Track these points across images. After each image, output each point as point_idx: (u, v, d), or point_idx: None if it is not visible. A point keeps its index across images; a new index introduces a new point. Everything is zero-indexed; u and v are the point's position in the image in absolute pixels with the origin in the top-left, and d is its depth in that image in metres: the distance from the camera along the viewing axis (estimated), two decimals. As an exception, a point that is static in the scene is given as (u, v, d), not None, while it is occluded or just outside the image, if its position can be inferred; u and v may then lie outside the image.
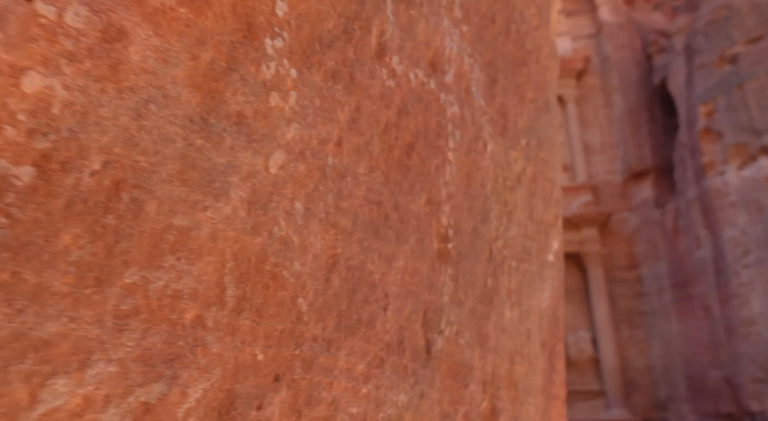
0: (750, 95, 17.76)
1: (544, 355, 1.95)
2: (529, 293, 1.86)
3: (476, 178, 1.51)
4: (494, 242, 1.62)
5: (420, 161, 1.23)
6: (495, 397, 1.48)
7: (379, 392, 1.00)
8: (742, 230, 17.31)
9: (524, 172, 1.91)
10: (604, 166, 22.43)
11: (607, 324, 20.12)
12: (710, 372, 18.02)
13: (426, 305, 1.20)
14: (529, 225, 1.92)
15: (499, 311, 1.58)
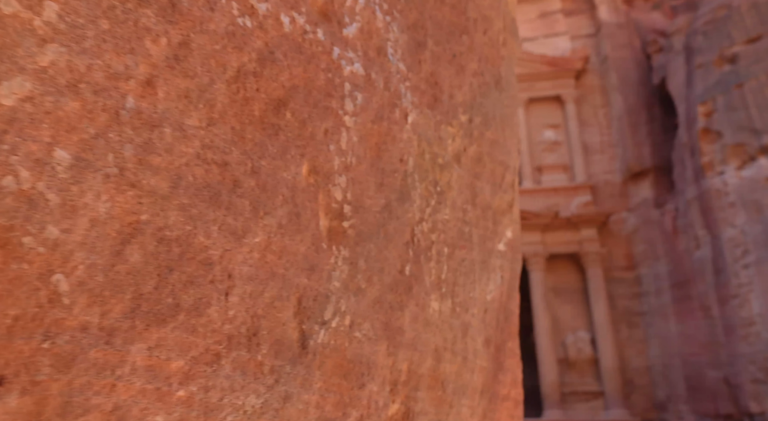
0: (749, 95, 17.53)
1: (488, 352, 1.75)
2: (468, 283, 1.66)
3: (391, 150, 1.32)
4: (418, 224, 1.42)
5: (298, 122, 1.03)
6: (411, 398, 1.29)
7: (210, 395, 0.80)
8: (742, 230, 17.09)
9: (464, 151, 1.71)
10: (603, 166, 22.18)
11: (606, 324, 19.90)
12: (709, 372, 17.82)
13: (302, 291, 1.01)
14: (471, 209, 1.72)
15: (420, 302, 1.38)
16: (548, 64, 23.34)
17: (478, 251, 1.74)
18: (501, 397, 1.85)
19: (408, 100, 1.40)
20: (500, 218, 1.98)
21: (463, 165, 1.68)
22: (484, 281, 1.77)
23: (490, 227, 1.87)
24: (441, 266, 1.49)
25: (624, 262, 21.02)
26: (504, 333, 1.93)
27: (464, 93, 1.68)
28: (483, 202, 1.82)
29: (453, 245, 1.56)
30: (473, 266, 1.68)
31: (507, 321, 1.97)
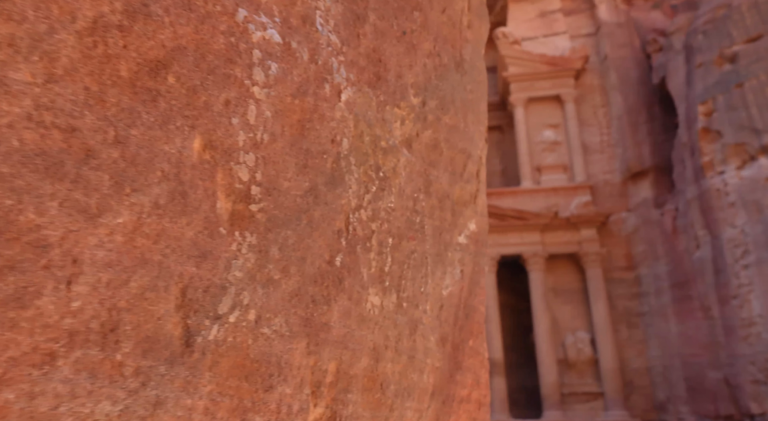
0: (749, 94, 17.37)
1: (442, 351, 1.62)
2: (418, 277, 1.53)
3: (318, 129, 1.19)
4: (354, 212, 1.29)
5: (185, 89, 0.90)
6: (339, 401, 1.16)
7: (37, 402, 0.67)
8: (742, 230, 16.94)
9: (417, 136, 1.58)
10: (603, 166, 22.01)
11: (606, 325, 19.74)
12: (709, 373, 17.69)
13: (188, 281, 0.88)
14: (423, 199, 1.59)
15: (355, 296, 1.25)
16: (548, 64, 23.18)
17: (432, 243, 1.61)
18: (459, 399, 1.71)
19: (342, 76, 1.27)
20: (461, 209, 1.85)
21: (414, 151, 1.56)
22: (438, 275, 1.64)
23: (447, 218, 1.74)
24: (384, 258, 1.37)
25: (624, 262, 20.86)
26: (464, 331, 1.79)
27: (416, 74, 1.55)
28: (439, 192, 1.69)
29: (400, 236, 1.43)
30: (425, 259, 1.55)
31: (468, 318, 1.83)
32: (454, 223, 1.78)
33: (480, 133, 2.01)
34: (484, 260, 2.01)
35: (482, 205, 2.02)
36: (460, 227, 1.83)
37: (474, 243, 1.93)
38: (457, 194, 1.82)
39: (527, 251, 20.74)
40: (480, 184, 2.00)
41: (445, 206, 1.73)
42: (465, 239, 1.86)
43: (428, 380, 1.50)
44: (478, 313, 1.93)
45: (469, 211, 1.91)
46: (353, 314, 1.22)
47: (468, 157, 1.86)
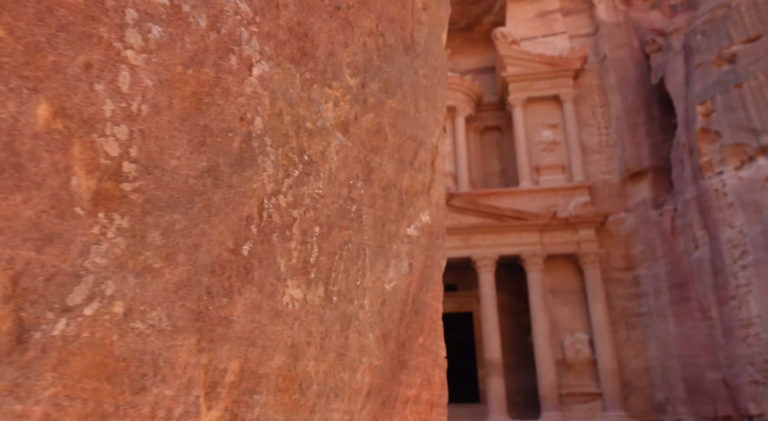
0: (748, 95, 17.23)
1: (384, 349, 1.50)
2: (354, 270, 1.41)
3: (221, 105, 1.07)
4: (271, 197, 1.17)
5: (23, 45, 0.78)
6: (242, 403, 1.04)
7: None
8: (740, 230, 16.80)
9: (354, 119, 1.46)
10: (602, 166, 21.86)
11: (605, 325, 19.59)
12: (708, 374, 17.55)
13: (21, 268, 0.76)
14: (362, 186, 1.47)
15: (267, 289, 1.13)
16: (546, 64, 23.05)
17: (373, 233, 1.49)
18: (404, 399, 1.59)
19: (254, 48, 1.15)
20: (411, 200, 1.73)
21: (352, 135, 1.44)
22: (380, 268, 1.52)
23: (393, 208, 1.62)
24: (309, 248, 1.25)
25: (622, 262, 20.71)
26: (412, 328, 1.67)
27: (353, 53, 1.44)
28: (383, 180, 1.57)
29: (330, 225, 1.32)
30: (362, 251, 1.43)
31: (418, 315, 1.71)
32: (401, 213, 1.66)
33: (436, 121, 1.89)
34: (439, 253, 1.89)
35: (438, 196, 1.90)
36: (410, 218, 1.71)
37: (427, 236, 1.81)
38: (406, 183, 1.70)
39: (526, 251, 20.60)
40: (435, 174, 1.88)
41: (391, 196, 1.61)
42: (415, 231, 1.73)
43: (363, 380, 1.38)
44: (430, 309, 1.81)
45: (422, 201, 1.79)
46: (265, 308, 1.11)
47: (420, 145, 1.74)
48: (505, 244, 20.82)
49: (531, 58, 23.21)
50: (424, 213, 1.80)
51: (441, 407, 1.86)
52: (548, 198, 21.51)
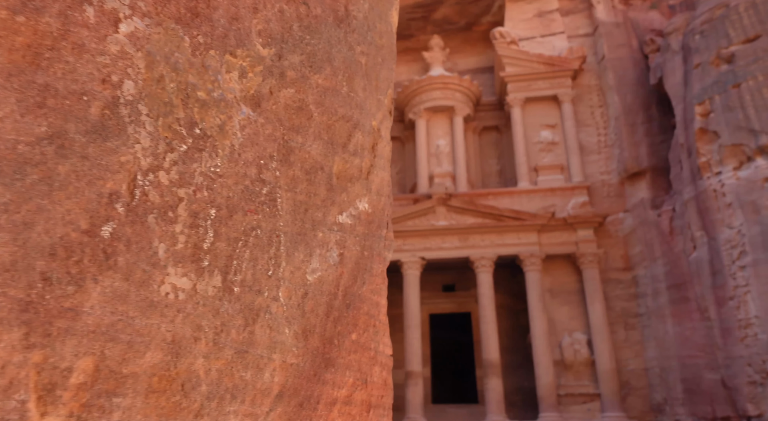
0: (746, 95, 17.06)
1: (303, 345, 1.36)
2: (264, 258, 1.27)
3: (71, 63, 0.93)
4: (147, 173, 1.04)
5: None
6: (94, 407, 0.91)
7: None
8: (739, 231, 16.63)
9: (269, 93, 1.33)
10: (600, 167, 21.67)
11: (603, 326, 19.41)
12: (706, 375, 17.38)
13: None
14: (278, 167, 1.34)
15: (136, 276, 1.00)
16: (545, 64, 22.88)
17: (291, 219, 1.36)
18: (330, 400, 1.45)
19: (122, 1, 1.02)
20: (345, 185, 1.59)
21: (265, 111, 1.30)
22: (300, 257, 1.38)
23: (320, 193, 1.49)
24: (201, 232, 1.11)
25: (621, 263, 20.52)
26: (342, 324, 1.54)
27: (266, 20, 1.30)
28: (307, 162, 1.43)
29: (231, 208, 1.18)
30: (275, 238, 1.30)
31: (350, 309, 1.57)
32: (330, 199, 1.53)
33: (379, 103, 1.75)
34: (380, 244, 1.75)
35: (380, 182, 1.76)
36: (342, 204, 1.57)
37: (364, 224, 1.67)
38: (337, 167, 1.57)
39: (524, 251, 20.44)
40: (377, 159, 1.74)
41: (317, 180, 1.47)
42: (349, 219, 1.60)
43: (273, 379, 1.24)
44: (367, 304, 1.67)
45: (358, 187, 1.65)
46: (133, 298, 0.97)
47: (355, 127, 1.61)
48: (503, 244, 20.66)
49: (529, 58, 23.05)
50: (362, 200, 1.66)
51: (382, 408, 1.72)
52: (546, 198, 21.34)
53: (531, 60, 23.07)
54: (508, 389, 20.57)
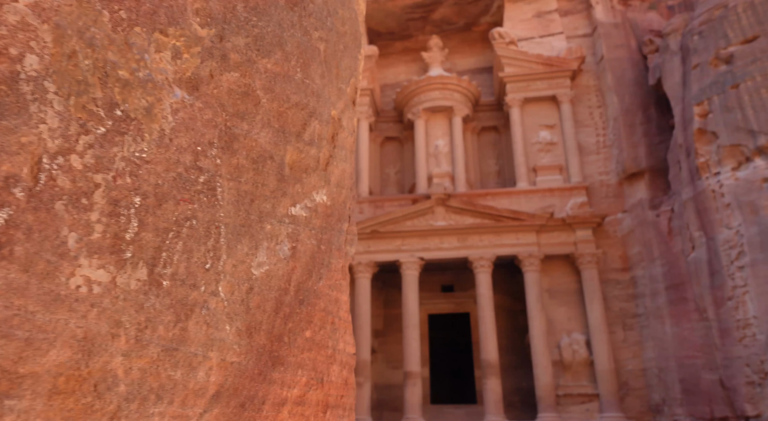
0: (745, 95, 16.96)
1: (248, 342, 1.28)
2: (199, 250, 1.19)
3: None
4: (55, 156, 0.95)
5: None
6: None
7: None
8: (737, 231, 16.54)
9: (209, 77, 1.25)
10: (599, 167, 21.56)
11: (601, 326, 19.30)
12: (705, 375, 17.28)
13: None
14: (218, 155, 1.25)
15: (38, 268, 0.91)
16: (544, 64, 22.77)
17: (234, 210, 1.28)
18: (279, 401, 1.37)
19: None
20: (299, 176, 1.51)
21: (204, 95, 1.22)
22: (244, 250, 1.30)
23: (269, 183, 1.40)
24: (122, 222, 1.03)
25: (619, 263, 20.41)
26: (294, 320, 1.45)
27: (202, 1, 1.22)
28: (254, 151, 1.35)
29: (161, 196, 1.10)
30: (214, 229, 1.22)
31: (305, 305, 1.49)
32: (281, 190, 1.44)
33: (339, 92, 1.67)
34: (340, 238, 1.67)
35: (341, 174, 1.67)
36: (296, 196, 1.49)
37: (322, 217, 1.59)
38: (291, 157, 1.48)
39: (523, 251, 20.34)
40: (336, 150, 1.66)
41: (266, 169, 1.39)
42: (304, 211, 1.51)
43: (209, 379, 1.16)
44: (324, 300, 1.58)
45: (315, 179, 1.57)
46: (34, 291, 0.89)
47: (311, 116, 1.52)
48: (502, 244, 20.56)
49: (528, 58, 22.95)
50: (319, 192, 1.58)
51: (341, 408, 1.64)
52: (545, 199, 21.24)
53: (530, 60, 22.97)
54: (506, 390, 20.47)
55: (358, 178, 22.70)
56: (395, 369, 21.51)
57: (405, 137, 25.03)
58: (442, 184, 21.46)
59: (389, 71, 26.66)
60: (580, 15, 23.84)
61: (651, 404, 18.88)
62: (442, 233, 20.85)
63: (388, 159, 25.07)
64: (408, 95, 23.88)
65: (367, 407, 19.27)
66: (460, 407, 21.54)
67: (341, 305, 1.70)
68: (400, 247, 20.93)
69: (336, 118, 1.69)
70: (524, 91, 22.87)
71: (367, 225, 20.95)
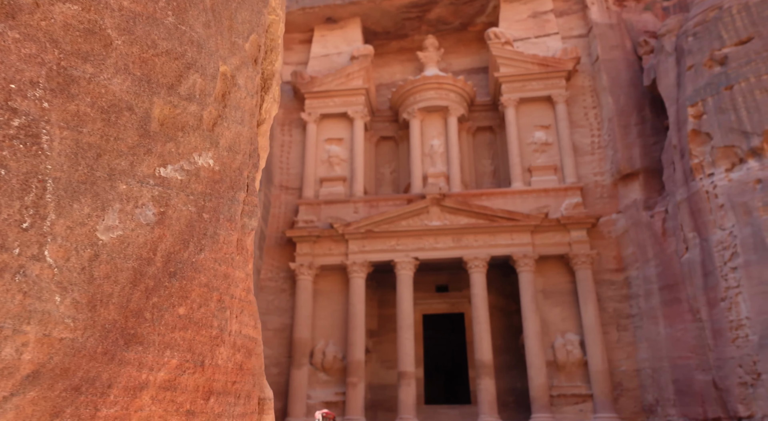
0: (739, 97, 16.79)
1: (89, 317, 1.10)
2: (14, 207, 1.01)
3: None
4: None
5: None
6: None
7: None
8: (730, 232, 16.36)
9: (32, 5, 1.06)
10: (594, 168, 21.35)
11: (595, 327, 19.10)
12: (698, 376, 17.11)
13: None
14: (49, 98, 1.07)
15: None
16: (539, 65, 22.58)
17: (69, 163, 1.09)
18: (135, 385, 1.19)
19: None
20: (171, 133, 1.32)
21: (24, 25, 1.04)
22: (86, 211, 1.12)
23: (126, 137, 1.22)
24: None
25: (613, 264, 20.20)
26: (160, 294, 1.27)
27: None
28: (104, 99, 1.17)
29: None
30: (36, 183, 1.04)
31: (177, 278, 1.30)
32: (145, 147, 1.26)
33: (234, 46, 1.48)
34: (232, 207, 1.48)
35: (233, 138, 1.49)
36: (167, 155, 1.30)
37: (207, 183, 1.40)
38: (160, 112, 1.30)
39: (517, 252, 20.15)
40: (228, 110, 1.47)
41: (122, 121, 1.21)
42: (179, 174, 1.33)
43: (20, 356, 0.98)
44: (207, 274, 1.40)
45: (196, 139, 1.38)
46: None
47: (189, 67, 1.34)
48: (496, 245, 20.38)
49: (524, 58, 22.77)
50: (202, 154, 1.39)
51: (232, 395, 1.44)
52: (540, 199, 21.05)
53: (525, 60, 22.79)
54: (500, 390, 20.27)
55: (352, 177, 22.53)
56: (390, 369, 21.34)
57: (400, 137, 24.87)
58: (437, 184, 21.28)
59: (385, 71, 26.51)
60: (575, 15, 23.65)
61: (644, 405, 18.68)
62: (437, 233, 20.67)
63: (384, 159, 24.91)
64: (403, 95, 23.73)
65: (361, 407, 19.10)
66: (454, 407, 21.35)
67: (235, 281, 1.51)
68: (395, 247, 20.76)
69: (228, 74, 1.51)
70: (519, 91, 22.69)
71: (362, 225, 20.78)
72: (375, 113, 25.14)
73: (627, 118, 20.69)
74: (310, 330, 20.26)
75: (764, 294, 14.79)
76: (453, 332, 23.91)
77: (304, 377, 19.61)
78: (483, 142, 24.43)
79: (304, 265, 20.74)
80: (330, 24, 25.61)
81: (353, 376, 19.27)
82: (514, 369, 20.81)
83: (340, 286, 21.15)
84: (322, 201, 21.99)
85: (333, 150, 23.20)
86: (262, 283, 20.69)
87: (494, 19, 24.99)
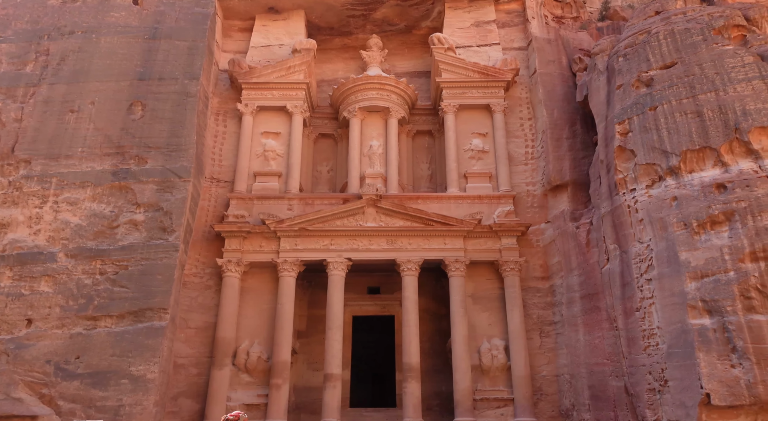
0: (661, 118, 18.24)
1: None
2: None
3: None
4: None
5: None
6: None
7: None
8: (648, 245, 17.58)
9: None
10: (526, 177, 22.86)
11: (520, 333, 20.30)
12: (612, 382, 18.23)
13: None
14: None
15: None
16: (480, 73, 23.91)
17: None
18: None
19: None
20: None
21: None
22: None
23: None
24: None
25: (540, 272, 21.53)
26: None
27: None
28: None
29: None
30: None
31: None
32: None
33: None
34: None
35: None
36: None
37: None
38: None
39: (450, 256, 21.12)
40: None
41: None
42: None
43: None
44: None
45: None
46: None
47: None
48: (430, 248, 21.30)
49: (465, 66, 24.00)
50: None
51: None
52: (474, 205, 22.23)
53: (467, 68, 24.02)
54: (426, 394, 21.01)
55: (288, 173, 22.85)
56: (317, 371, 21.73)
57: (340, 135, 25.42)
58: (374, 185, 21.94)
59: (327, 67, 27.01)
60: (516, 28, 25.21)
61: (561, 409, 19.83)
62: (372, 235, 21.35)
63: (322, 156, 25.36)
64: (345, 93, 24.32)
65: (284, 409, 19.32)
66: (379, 410, 22.02)
67: None
68: (329, 246, 21.27)
69: None
70: (460, 98, 23.87)
71: (296, 222, 21.16)
72: (315, 109, 25.62)
73: (560, 132, 22.27)
74: (234, 329, 20.30)
75: (675, 305, 15.77)
76: (383, 334, 24.69)
77: (226, 378, 19.58)
78: (422, 145, 25.46)
79: (232, 261, 20.82)
80: (272, 14, 25.85)
81: (278, 377, 19.50)
82: (441, 373, 21.72)
83: (270, 284, 21.37)
84: (255, 196, 22.18)
85: (269, 144, 23.40)
86: (186, 278, 20.60)
87: (439, 24, 26.16)
